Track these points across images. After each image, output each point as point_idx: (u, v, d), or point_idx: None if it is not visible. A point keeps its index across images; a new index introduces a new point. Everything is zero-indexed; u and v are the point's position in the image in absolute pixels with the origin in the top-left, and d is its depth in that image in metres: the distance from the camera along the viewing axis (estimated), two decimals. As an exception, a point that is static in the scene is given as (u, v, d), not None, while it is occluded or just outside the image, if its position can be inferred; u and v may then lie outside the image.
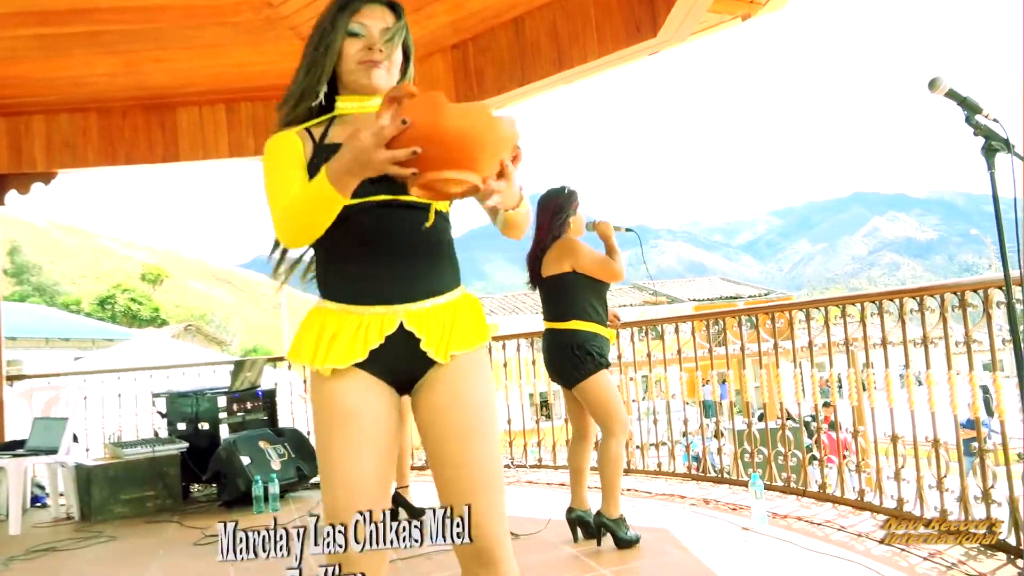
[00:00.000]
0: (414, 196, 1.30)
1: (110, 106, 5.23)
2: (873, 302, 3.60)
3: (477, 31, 4.59)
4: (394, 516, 1.25)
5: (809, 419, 7.49)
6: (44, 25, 4.56)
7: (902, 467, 3.24)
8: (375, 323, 1.44)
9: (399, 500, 3.81)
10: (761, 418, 5.87)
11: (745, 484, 4.09)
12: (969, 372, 3.01)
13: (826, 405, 5.93)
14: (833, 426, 8.81)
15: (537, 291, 3.38)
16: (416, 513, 3.72)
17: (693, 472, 4.63)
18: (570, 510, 3.37)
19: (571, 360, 3.20)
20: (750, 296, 33.68)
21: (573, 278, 3.25)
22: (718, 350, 4.58)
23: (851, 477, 3.57)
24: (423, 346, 1.45)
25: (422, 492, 4.08)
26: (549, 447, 5.51)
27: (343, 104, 1.57)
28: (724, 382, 4.78)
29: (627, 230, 3.55)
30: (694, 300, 30.85)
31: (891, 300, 3.43)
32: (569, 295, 3.25)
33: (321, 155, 1.45)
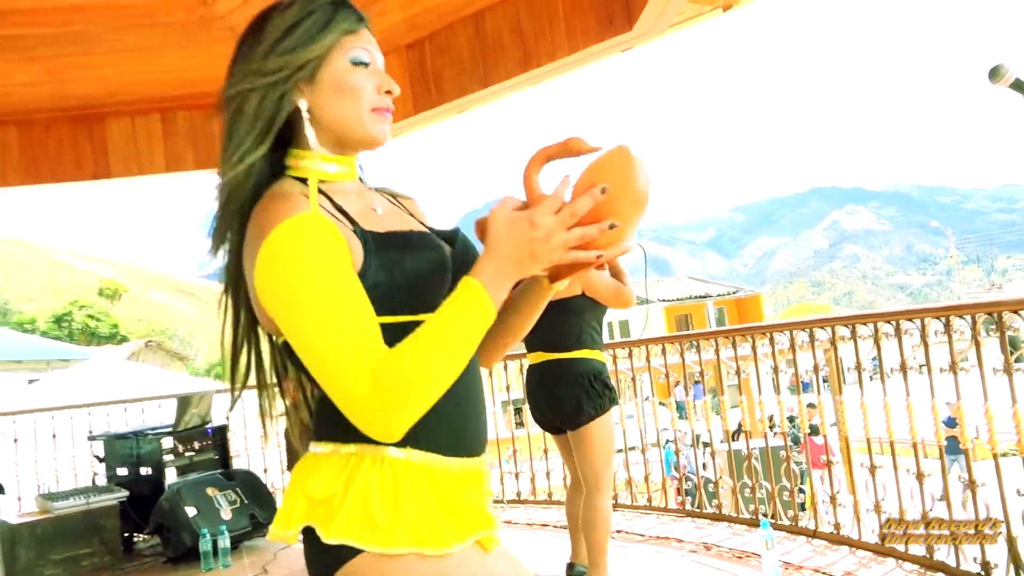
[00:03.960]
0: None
1: (31, 118, 4.71)
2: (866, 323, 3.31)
3: (434, 28, 4.19)
4: None
5: (788, 424, 7.24)
6: (-50, 29, 4.08)
7: (930, 510, 2.91)
8: (470, 480, 1.02)
9: None
10: (738, 433, 5.57)
11: (747, 522, 3.74)
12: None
13: (810, 406, 5.68)
14: (815, 430, 8.59)
15: None
16: None
17: (688, 508, 4.26)
18: (571, 566, 2.98)
19: (588, 393, 2.76)
20: (719, 295, 33.78)
21: (582, 302, 2.83)
22: (691, 355, 4.32)
23: (867, 514, 3.23)
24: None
25: None
26: (526, 470, 5.07)
27: (325, 166, 1.05)
28: (698, 382, 4.50)
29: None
30: (664, 301, 30.77)
31: (888, 322, 3.17)
32: (577, 321, 2.83)
33: (385, 252, 0.97)
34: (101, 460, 4.92)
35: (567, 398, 2.79)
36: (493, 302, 0.89)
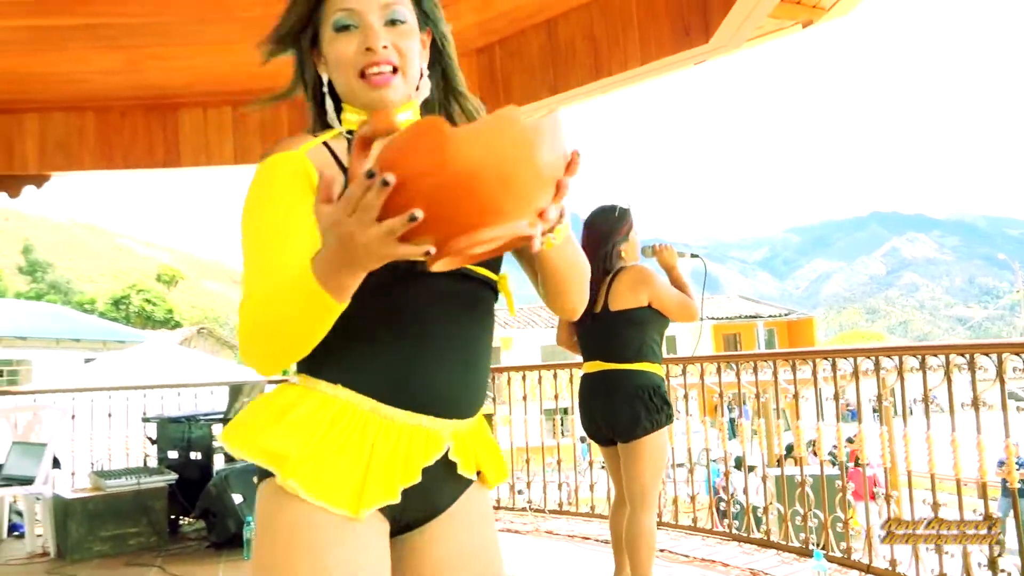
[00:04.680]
0: (436, 270, 0.80)
1: (108, 105, 4.85)
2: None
3: (506, 33, 4.18)
4: None
5: (830, 458, 7.03)
6: (38, 15, 4.20)
7: (999, 555, 2.77)
8: (418, 440, 0.99)
9: None
10: (787, 458, 5.42)
11: (796, 551, 3.62)
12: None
13: (849, 441, 5.51)
14: (858, 463, 8.34)
15: (582, 327, 2.87)
16: None
17: (734, 531, 4.15)
18: None
19: (647, 407, 2.69)
20: (770, 316, 33.12)
21: (648, 314, 2.76)
22: (744, 376, 4.23)
23: (926, 552, 3.10)
24: (462, 472, 1.04)
25: None
26: (568, 480, 5.03)
27: (351, 116, 1.09)
28: (745, 403, 4.39)
29: (693, 255, 3.05)
30: (712, 318, 30.31)
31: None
32: (640, 333, 2.76)
33: None
34: (153, 442, 5.02)
35: (624, 410, 2.73)
36: (328, 290, 0.82)
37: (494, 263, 1.07)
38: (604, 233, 2.85)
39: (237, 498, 4.24)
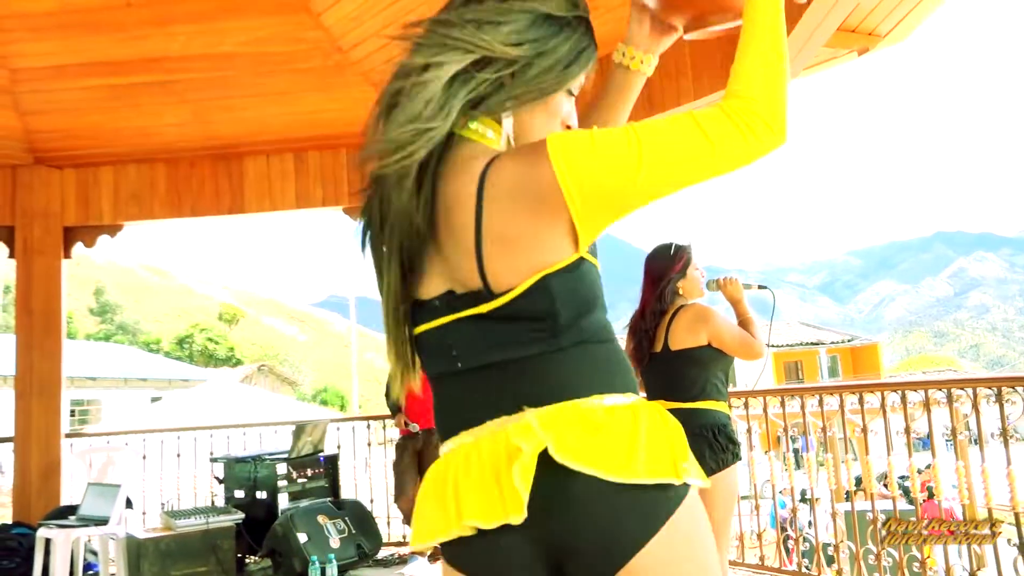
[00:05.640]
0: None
1: (178, 156, 5.07)
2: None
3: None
4: None
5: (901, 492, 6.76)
6: (114, 75, 4.45)
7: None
8: None
9: None
10: (857, 490, 5.24)
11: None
12: None
13: (920, 472, 5.30)
14: (932, 493, 8.02)
15: (643, 366, 2.85)
16: None
17: (804, 570, 4.03)
18: None
19: (712, 447, 2.64)
20: (832, 342, 32.26)
21: (709, 353, 2.72)
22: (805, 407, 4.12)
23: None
24: None
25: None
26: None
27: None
28: (810, 434, 4.27)
29: (760, 287, 3.00)
30: (773, 346, 29.68)
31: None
32: (702, 372, 2.73)
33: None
34: (221, 481, 5.13)
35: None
36: None
37: None
38: (659, 271, 2.83)
39: (302, 537, 4.29)
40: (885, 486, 5.83)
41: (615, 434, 0.97)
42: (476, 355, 1.03)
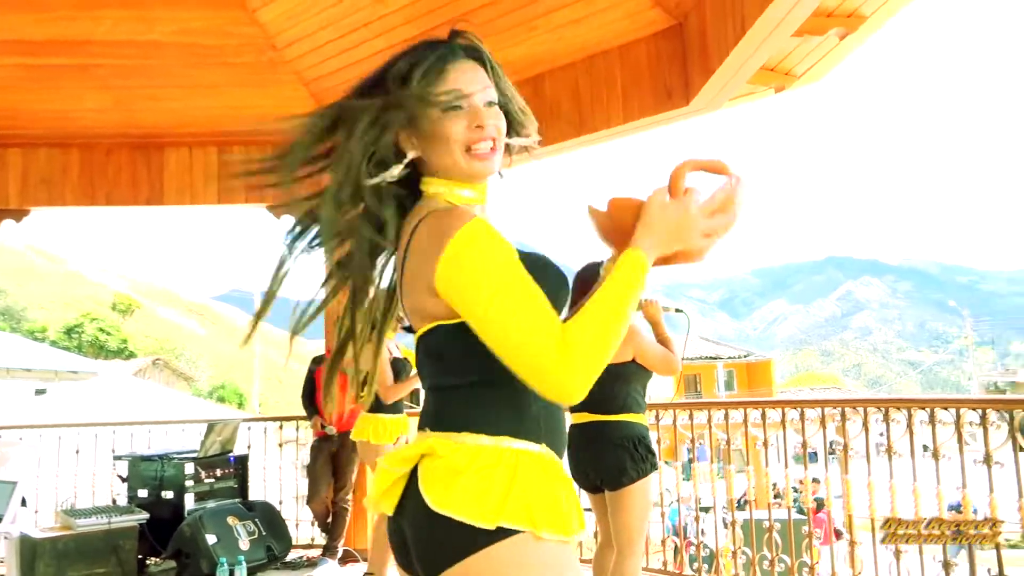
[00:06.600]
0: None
1: (94, 142, 4.89)
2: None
3: (493, 88, 4.34)
4: None
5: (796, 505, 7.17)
6: (33, 55, 4.26)
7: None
8: (561, 472, 1.19)
9: None
10: (746, 504, 5.56)
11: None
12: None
13: (815, 480, 5.65)
14: (820, 505, 8.51)
15: None
16: None
17: (704, 575, 4.25)
18: None
19: (632, 456, 2.82)
20: (729, 358, 33.60)
21: (632, 368, 2.90)
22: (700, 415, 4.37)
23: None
24: None
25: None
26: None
27: (460, 192, 1.21)
28: (702, 443, 4.51)
29: (677, 311, 3.19)
30: (675, 359, 30.62)
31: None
32: (625, 386, 2.90)
33: (532, 270, 1.10)
34: (124, 480, 4.96)
35: (610, 459, 2.85)
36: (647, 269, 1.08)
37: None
38: (585, 288, 2.96)
39: (211, 538, 4.21)
40: (775, 496, 6.17)
41: (454, 468, 1.08)
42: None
